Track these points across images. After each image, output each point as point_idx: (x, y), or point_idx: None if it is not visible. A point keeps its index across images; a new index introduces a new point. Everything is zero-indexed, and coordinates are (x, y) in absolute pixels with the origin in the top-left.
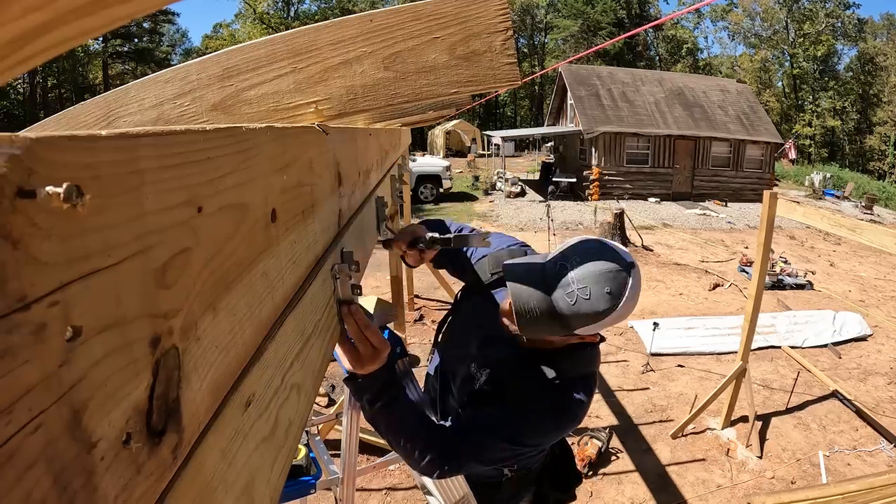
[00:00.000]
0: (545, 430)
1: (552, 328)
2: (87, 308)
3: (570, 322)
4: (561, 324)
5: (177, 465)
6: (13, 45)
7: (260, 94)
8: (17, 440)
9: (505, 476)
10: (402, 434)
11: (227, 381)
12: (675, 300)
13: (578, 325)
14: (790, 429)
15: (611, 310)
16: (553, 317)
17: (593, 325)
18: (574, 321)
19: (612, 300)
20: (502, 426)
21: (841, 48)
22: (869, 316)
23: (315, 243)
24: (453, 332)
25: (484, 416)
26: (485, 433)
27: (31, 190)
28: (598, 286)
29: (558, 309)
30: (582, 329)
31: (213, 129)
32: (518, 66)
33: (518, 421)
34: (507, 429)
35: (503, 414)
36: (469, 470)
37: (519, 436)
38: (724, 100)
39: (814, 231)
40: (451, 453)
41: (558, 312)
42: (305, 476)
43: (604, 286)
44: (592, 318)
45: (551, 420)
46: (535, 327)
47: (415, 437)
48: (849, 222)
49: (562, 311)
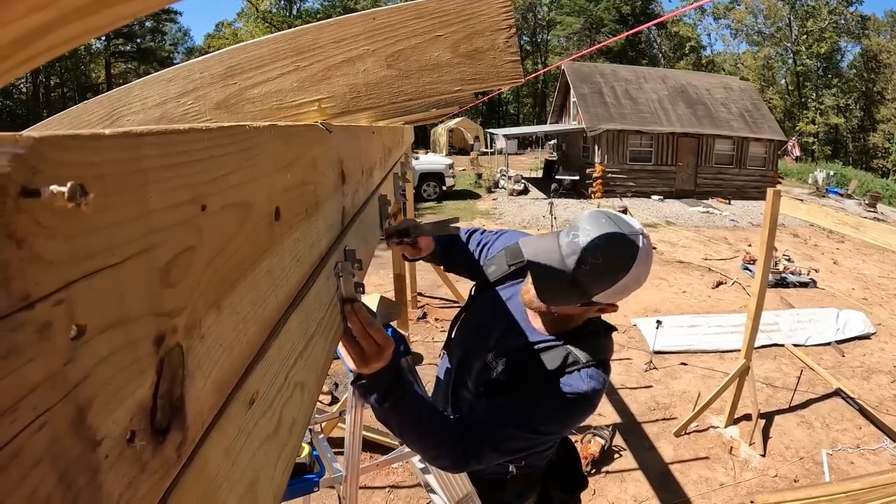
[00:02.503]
0: (561, 416)
1: (570, 296)
2: (92, 307)
3: (587, 288)
4: (579, 291)
5: (181, 463)
6: (17, 44)
7: (263, 93)
8: (21, 438)
9: (510, 473)
10: (418, 430)
11: (231, 379)
12: (679, 298)
13: (595, 289)
14: (793, 427)
15: (623, 272)
16: (570, 284)
17: (610, 290)
18: (590, 286)
19: (623, 263)
20: (519, 414)
21: (844, 45)
22: (872, 314)
23: (319, 241)
24: (468, 328)
25: (500, 406)
26: (502, 423)
27: (36, 189)
28: (609, 250)
29: (574, 275)
30: (600, 295)
31: (216, 128)
32: (521, 63)
33: (534, 408)
34: (524, 417)
35: (519, 402)
36: (490, 462)
37: (536, 423)
38: (728, 97)
39: (817, 229)
40: (470, 445)
41: (574, 279)
42: (309, 474)
43: (615, 250)
44: (608, 282)
45: (567, 406)
46: (555, 295)
47: (431, 432)
48: (852, 220)
49: (577, 278)
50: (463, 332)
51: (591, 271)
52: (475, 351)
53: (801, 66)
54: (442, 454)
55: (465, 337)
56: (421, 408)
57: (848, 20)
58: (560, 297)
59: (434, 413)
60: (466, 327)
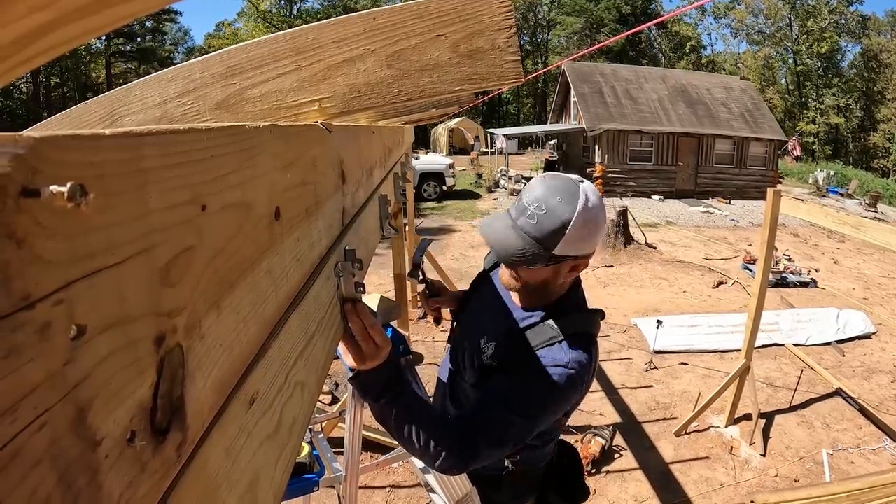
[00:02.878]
0: (546, 392)
1: (532, 257)
2: (92, 307)
3: (543, 241)
4: (536, 248)
5: (181, 463)
6: (17, 44)
7: (263, 93)
8: (22, 438)
9: (506, 469)
10: (413, 428)
11: (232, 379)
12: (679, 298)
13: (550, 241)
14: (793, 427)
15: (568, 216)
16: (526, 242)
17: (565, 239)
18: (545, 239)
19: (568, 207)
20: (508, 396)
21: (845, 45)
22: (873, 314)
23: (319, 241)
24: (468, 317)
25: (489, 391)
26: (492, 407)
27: (36, 189)
28: (549, 199)
29: (526, 232)
30: (560, 247)
31: (216, 128)
32: (521, 63)
33: (519, 388)
34: (511, 398)
35: (507, 383)
36: (489, 457)
37: (524, 404)
38: (728, 97)
39: (817, 229)
40: (466, 440)
41: (529, 236)
42: (309, 474)
43: (555, 197)
44: (558, 229)
45: (548, 380)
46: (518, 259)
47: (427, 429)
48: (853, 220)
49: (529, 233)
50: (463, 322)
51: (539, 223)
52: (472, 338)
53: (801, 65)
54: (439, 454)
55: (465, 326)
56: (418, 405)
57: (848, 20)
58: (523, 259)
59: (431, 412)
60: (467, 317)
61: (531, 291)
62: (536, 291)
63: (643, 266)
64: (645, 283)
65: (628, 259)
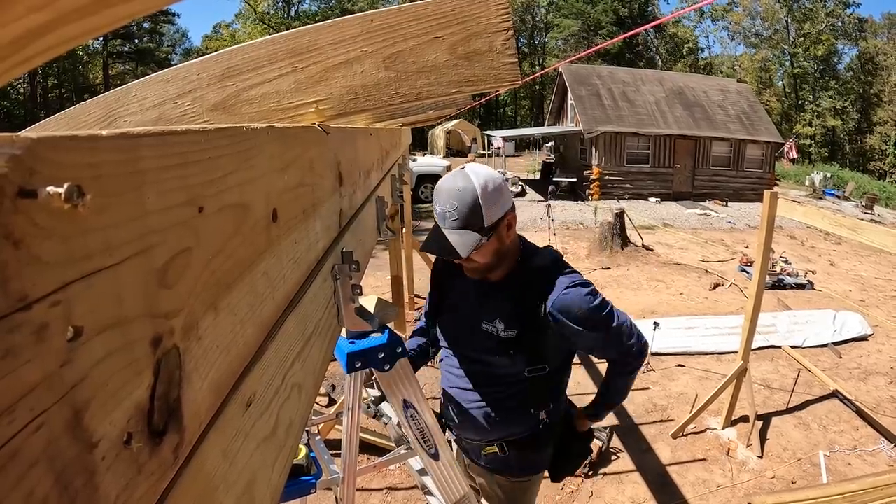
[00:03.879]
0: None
1: (475, 240)
2: (89, 308)
3: (472, 224)
4: (472, 233)
5: (178, 464)
6: (16, 44)
7: (261, 94)
8: (18, 440)
9: (542, 423)
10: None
11: (229, 380)
12: (676, 300)
13: (477, 220)
14: (790, 428)
15: (475, 194)
16: (463, 234)
17: (485, 210)
18: (473, 222)
19: (468, 189)
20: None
21: (841, 47)
22: (869, 316)
23: (316, 243)
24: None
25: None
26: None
27: (33, 190)
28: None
29: (457, 229)
30: (486, 218)
31: (213, 129)
32: (519, 65)
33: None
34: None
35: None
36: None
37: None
38: (725, 99)
39: (814, 231)
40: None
41: (461, 230)
42: (306, 475)
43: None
44: (476, 208)
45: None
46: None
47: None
48: (849, 222)
49: (460, 228)
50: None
51: (460, 215)
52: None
53: (798, 68)
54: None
55: (454, 328)
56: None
57: (845, 22)
58: (472, 247)
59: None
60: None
61: (495, 264)
62: (498, 262)
63: (640, 268)
64: (642, 286)
65: (625, 261)
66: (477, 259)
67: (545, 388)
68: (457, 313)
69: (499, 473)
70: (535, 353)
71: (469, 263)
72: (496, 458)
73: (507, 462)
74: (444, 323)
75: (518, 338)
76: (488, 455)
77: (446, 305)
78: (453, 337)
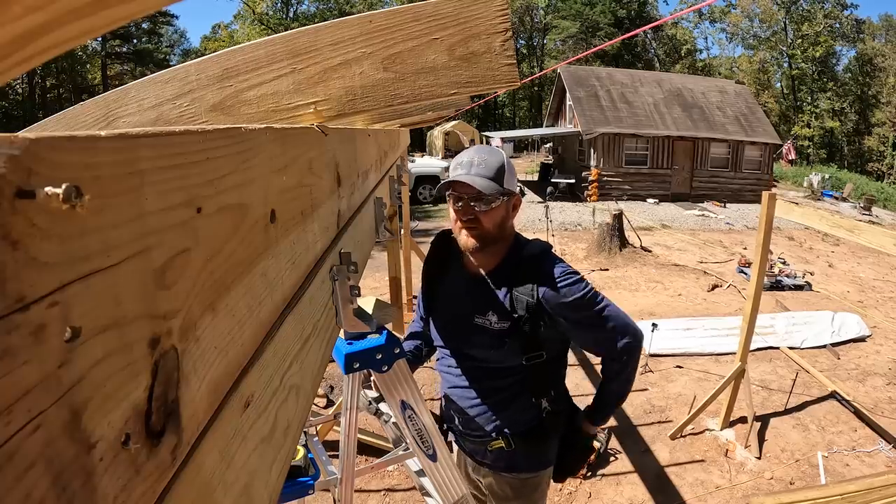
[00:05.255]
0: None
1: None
2: (87, 309)
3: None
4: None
5: (176, 465)
6: (14, 45)
7: (259, 95)
8: (16, 441)
9: (546, 411)
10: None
11: (226, 381)
12: (674, 301)
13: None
14: (789, 429)
15: (502, 158)
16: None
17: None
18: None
19: (497, 153)
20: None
21: (839, 49)
22: (867, 317)
23: (314, 244)
24: (443, 321)
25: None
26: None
27: (31, 190)
28: (483, 151)
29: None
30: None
31: (212, 130)
32: (517, 66)
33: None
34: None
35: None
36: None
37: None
38: (723, 101)
39: (812, 232)
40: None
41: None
42: (304, 477)
43: (484, 149)
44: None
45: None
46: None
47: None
48: (847, 223)
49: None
50: (440, 321)
51: (487, 166)
52: (462, 326)
53: (796, 69)
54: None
55: (446, 325)
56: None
57: (843, 24)
58: (492, 193)
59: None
60: (441, 315)
61: (494, 237)
62: (497, 237)
63: (638, 269)
64: (640, 287)
65: (623, 262)
66: (485, 221)
67: (545, 377)
68: (449, 310)
69: (507, 472)
70: (532, 340)
71: (474, 225)
72: (502, 453)
73: (514, 458)
74: (437, 321)
75: (512, 328)
76: (494, 451)
77: (439, 304)
78: (448, 334)
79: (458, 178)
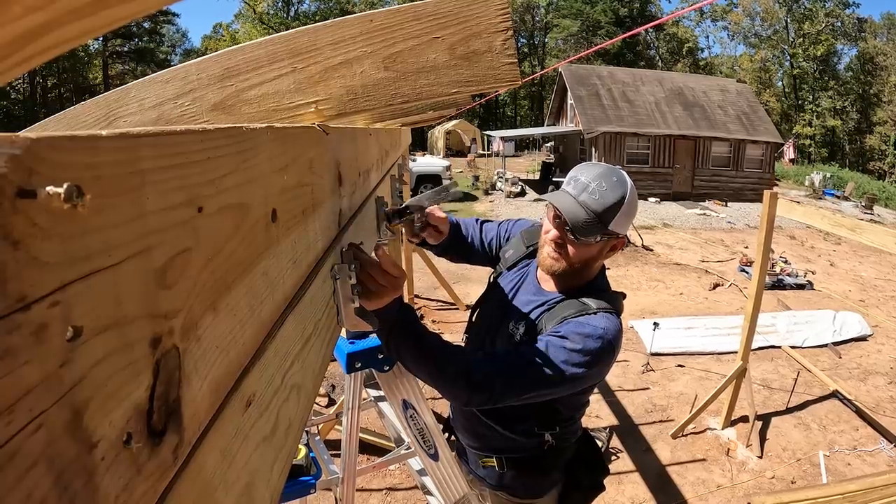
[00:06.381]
0: (585, 351)
1: (593, 227)
2: (88, 308)
3: (602, 215)
4: (595, 221)
5: (177, 465)
6: (14, 44)
7: (260, 94)
8: (17, 440)
9: (547, 444)
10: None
11: (228, 381)
12: (676, 300)
13: (608, 216)
14: (790, 429)
15: (625, 194)
16: (588, 214)
17: (619, 216)
18: (604, 213)
19: (622, 187)
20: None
21: (841, 48)
22: (869, 316)
23: (315, 243)
24: (489, 309)
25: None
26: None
27: (32, 190)
28: (607, 179)
29: (587, 206)
30: (613, 223)
31: (213, 129)
32: (518, 65)
33: (553, 345)
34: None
35: (546, 341)
36: (502, 397)
37: (561, 357)
38: (724, 100)
39: (814, 231)
40: (488, 369)
41: (589, 209)
42: (305, 476)
43: (611, 177)
44: (617, 206)
45: (588, 341)
46: (583, 224)
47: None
48: (849, 222)
49: (590, 207)
50: (484, 314)
51: (600, 197)
52: (496, 327)
53: (797, 68)
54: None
55: (485, 318)
56: (436, 337)
57: (845, 23)
58: (587, 227)
59: (450, 345)
60: (487, 309)
61: (571, 273)
62: (575, 272)
63: (640, 268)
64: (642, 286)
65: (625, 261)
66: (571, 253)
67: (552, 409)
68: (492, 304)
69: (498, 490)
70: None
71: (555, 250)
72: (493, 472)
73: (503, 480)
74: (479, 312)
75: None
76: (486, 467)
77: (488, 296)
78: (480, 328)
79: (559, 203)
